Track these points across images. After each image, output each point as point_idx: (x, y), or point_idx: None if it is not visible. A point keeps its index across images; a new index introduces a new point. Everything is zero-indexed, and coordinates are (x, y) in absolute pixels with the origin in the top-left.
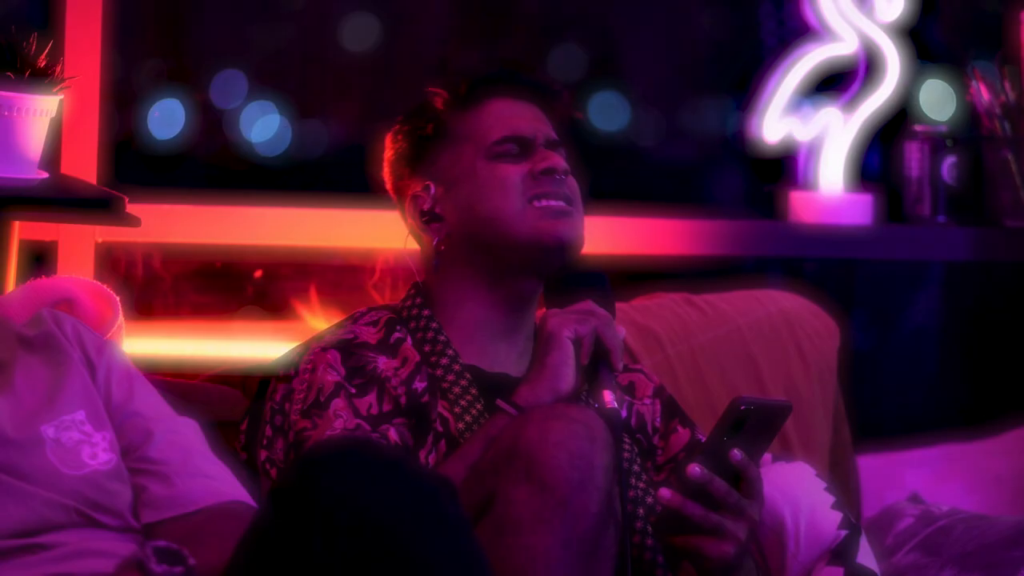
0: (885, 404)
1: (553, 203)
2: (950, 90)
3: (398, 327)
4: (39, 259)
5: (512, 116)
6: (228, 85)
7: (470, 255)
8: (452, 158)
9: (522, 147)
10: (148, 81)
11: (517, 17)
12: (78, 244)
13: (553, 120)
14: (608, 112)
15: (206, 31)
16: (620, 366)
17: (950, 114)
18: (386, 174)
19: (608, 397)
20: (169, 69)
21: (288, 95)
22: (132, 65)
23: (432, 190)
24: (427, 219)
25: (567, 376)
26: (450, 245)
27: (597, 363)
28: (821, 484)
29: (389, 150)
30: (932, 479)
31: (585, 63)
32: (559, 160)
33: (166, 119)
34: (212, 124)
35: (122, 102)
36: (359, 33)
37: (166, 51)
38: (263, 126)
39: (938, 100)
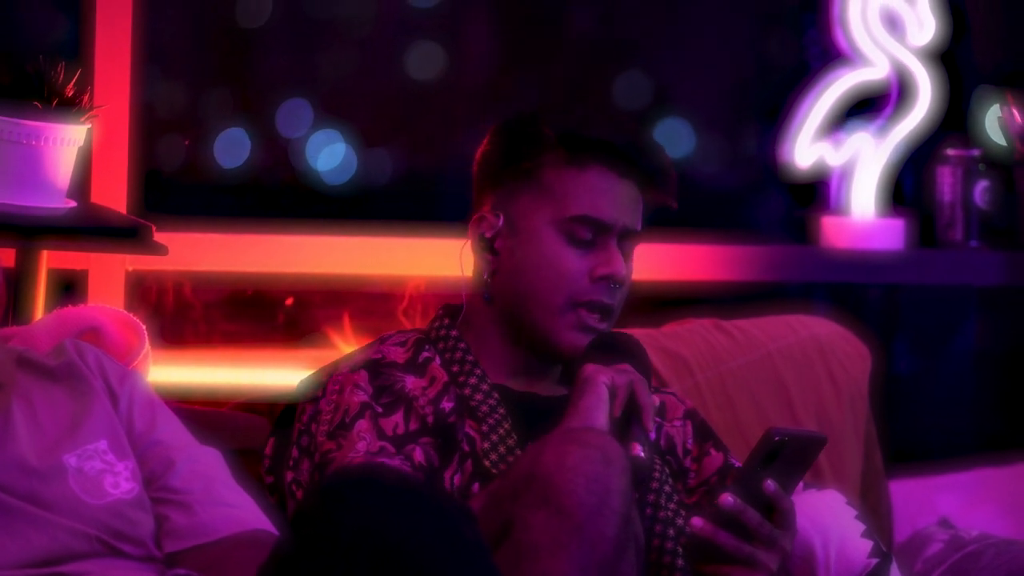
0: (918, 429)
1: (592, 321)
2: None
3: (426, 347)
4: (70, 288)
5: (602, 195)
6: (293, 114)
7: (504, 305)
8: (530, 206)
9: (597, 231)
10: (214, 110)
11: (571, 43)
12: (108, 273)
13: (647, 200)
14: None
15: (271, 60)
16: (652, 427)
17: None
18: (475, 167)
19: (638, 449)
20: (235, 98)
21: (354, 124)
22: (200, 95)
23: (501, 222)
24: (485, 246)
25: (599, 419)
26: (493, 282)
27: (629, 418)
28: (852, 512)
29: (484, 148)
30: (964, 504)
31: (627, 85)
32: (620, 268)
33: (232, 148)
34: (278, 153)
35: (188, 132)
36: (423, 61)
37: (232, 80)
38: (329, 155)
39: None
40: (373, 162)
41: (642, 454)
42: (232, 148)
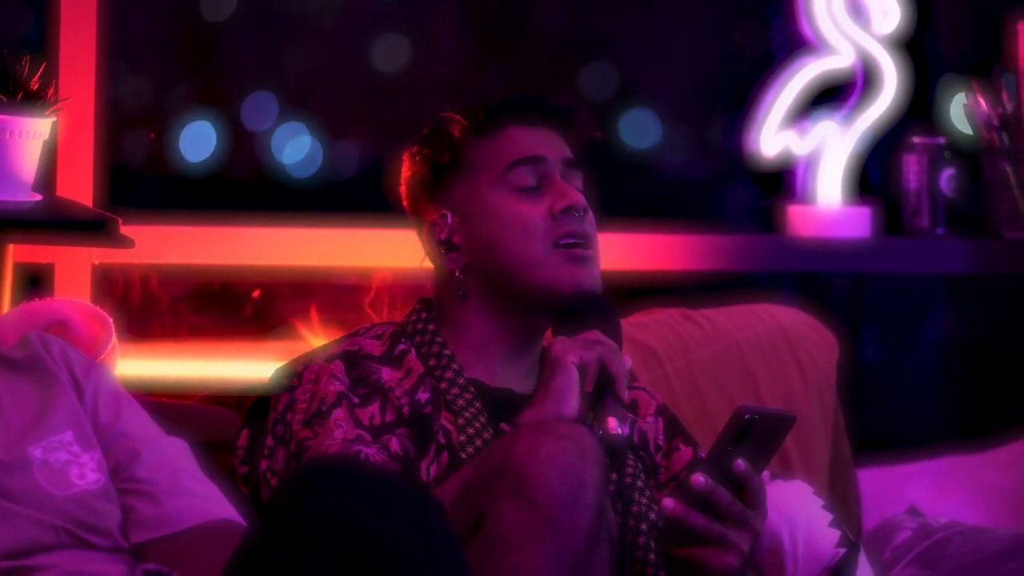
0: (886, 417)
1: (576, 250)
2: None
3: (402, 340)
4: (37, 282)
5: (524, 141)
6: (259, 107)
7: (486, 287)
8: (469, 189)
9: (539, 175)
10: (179, 104)
11: (538, 35)
12: (75, 266)
13: (572, 142)
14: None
15: (236, 54)
16: (625, 394)
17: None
18: (404, 194)
19: (612, 424)
20: (200, 92)
21: (320, 117)
22: (165, 88)
23: (449, 219)
24: (444, 248)
25: (571, 401)
26: (467, 275)
27: (602, 390)
28: (819, 502)
29: (407, 171)
30: (932, 492)
31: (593, 77)
32: (578, 197)
33: (197, 141)
34: (243, 146)
35: (153, 125)
36: (388, 54)
37: (197, 73)
38: (295, 148)
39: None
40: (339, 155)
41: (618, 429)
42: (197, 141)
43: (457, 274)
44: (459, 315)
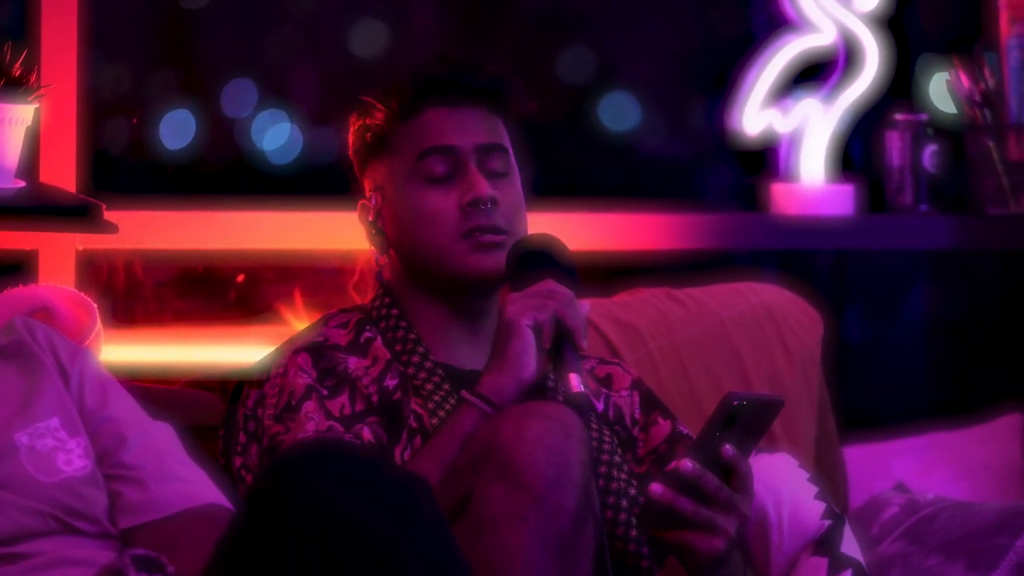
0: (871, 394)
1: (483, 238)
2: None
3: (368, 327)
4: (20, 268)
5: (440, 128)
6: (238, 94)
7: (411, 272)
8: (389, 173)
9: (450, 163)
10: (159, 92)
11: (516, 18)
12: (58, 253)
13: (504, 118)
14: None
15: (215, 41)
16: (584, 344)
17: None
18: (352, 159)
19: (574, 380)
20: (179, 80)
21: (299, 103)
22: (145, 76)
23: (374, 201)
24: (375, 229)
25: (529, 364)
26: (393, 258)
27: (561, 345)
28: (803, 474)
29: (349, 144)
30: (919, 468)
31: (573, 59)
32: (484, 189)
33: (177, 129)
34: (223, 134)
35: (134, 112)
36: (367, 39)
37: (177, 61)
38: (274, 134)
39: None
40: (319, 141)
41: (579, 387)
42: (177, 129)
43: (382, 259)
44: (408, 297)
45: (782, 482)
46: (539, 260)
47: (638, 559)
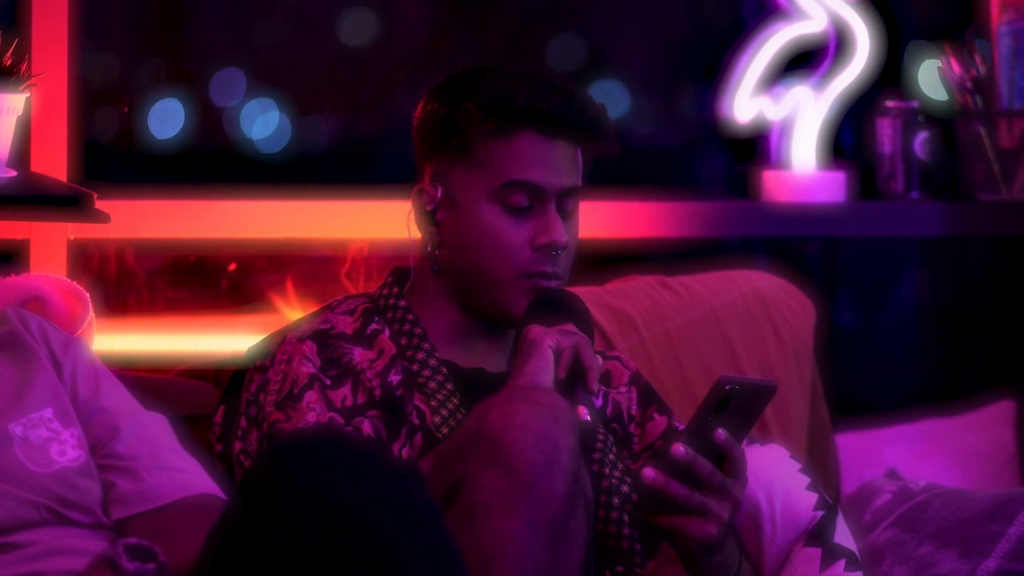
0: (863, 381)
1: (543, 282)
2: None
3: (375, 318)
4: (12, 258)
5: (534, 160)
6: (227, 83)
7: (450, 276)
8: (465, 179)
9: (533, 199)
10: (148, 81)
11: (506, 6)
12: (50, 242)
13: (587, 154)
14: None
15: (204, 30)
16: (596, 388)
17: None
18: (414, 135)
19: (583, 411)
20: (168, 69)
21: (288, 92)
22: (134, 65)
23: (439, 194)
24: (427, 218)
25: (545, 383)
26: (439, 255)
27: (574, 380)
28: (795, 465)
29: (419, 115)
30: (911, 455)
31: (562, 48)
32: (559, 235)
33: (166, 118)
34: (212, 123)
35: (124, 101)
36: (356, 27)
37: (166, 50)
38: (263, 123)
39: (930, 78)
40: (308, 129)
41: (587, 417)
42: (166, 118)
43: (430, 249)
44: (432, 289)
45: (774, 473)
46: (562, 306)
47: (631, 555)
